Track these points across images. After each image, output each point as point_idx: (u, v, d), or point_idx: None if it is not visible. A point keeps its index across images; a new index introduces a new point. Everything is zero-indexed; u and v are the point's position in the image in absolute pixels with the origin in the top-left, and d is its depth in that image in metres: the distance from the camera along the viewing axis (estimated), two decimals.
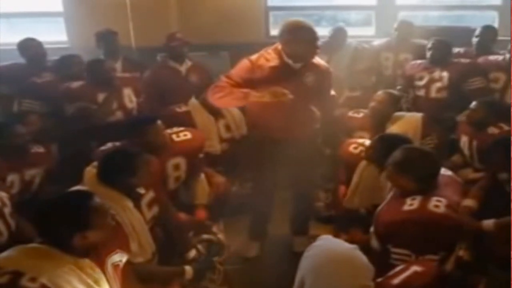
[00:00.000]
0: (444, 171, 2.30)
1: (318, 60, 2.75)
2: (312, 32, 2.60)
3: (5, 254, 1.60)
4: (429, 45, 3.64)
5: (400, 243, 2.01)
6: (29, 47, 3.74)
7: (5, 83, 3.67)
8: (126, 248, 1.91)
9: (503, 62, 3.55)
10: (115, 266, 1.78)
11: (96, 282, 1.64)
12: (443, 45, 3.62)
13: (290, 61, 2.62)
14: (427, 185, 2.10)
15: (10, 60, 3.80)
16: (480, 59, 3.67)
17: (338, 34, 4.02)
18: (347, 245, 1.90)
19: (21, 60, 3.77)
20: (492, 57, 3.66)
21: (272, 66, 2.61)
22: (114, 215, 1.82)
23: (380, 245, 2.10)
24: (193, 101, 3.35)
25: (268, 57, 2.64)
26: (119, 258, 1.80)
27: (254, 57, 2.67)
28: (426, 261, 1.90)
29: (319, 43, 3.83)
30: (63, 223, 1.60)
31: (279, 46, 2.64)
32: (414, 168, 2.11)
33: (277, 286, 2.66)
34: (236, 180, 3.27)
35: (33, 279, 1.50)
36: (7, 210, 2.33)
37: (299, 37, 2.57)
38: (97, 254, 1.70)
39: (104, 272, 1.70)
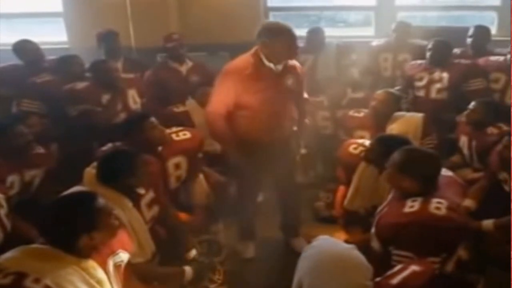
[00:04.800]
0: (444, 171, 2.29)
1: (293, 61, 2.72)
2: (293, 34, 2.55)
3: (8, 254, 1.60)
4: (429, 46, 3.63)
5: (401, 245, 2.00)
6: (26, 50, 3.74)
7: (2, 84, 3.67)
8: (128, 248, 1.91)
9: (504, 63, 3.55)
10: (117, 266, 1.78)
11: (99, 282, 1.64)
12: (443, 46, 3.62)
13: (271, 65, 2.58)
14: (428, 186, 2.10)
15: (10, 60, 3.81)
16: (481, 60, 3.68)
17: (316, 35, 4.07)
18: (345, 245, 1.91)
19: (20, 61, 3.78)
20: (493, 58, 3.66)
21: (254, 72, 2.56)
22: (116, 215, 1.81)
23: (381, 247, 2.09)
24: (190, 100, 3.37)
25: (248, 63, 2.58)
26: (121, 258, 1.81)
27: (234, 66, 2.62)
28: (425, 261, 1.90)
29: (301, 45, 3.87)
30: (70, 225, 1.60)
31: (258, 50, 2.58)
32: (416, 169, 2.09)
33: (276, 286, 2.67)
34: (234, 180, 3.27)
35: (36, 280, 1.50)
36: (3, 211, 2.33)
37: (281, 39, 2.52)
38: (99, 254, 1.70)
39: (106, 272, 1.71)
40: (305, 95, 2.93)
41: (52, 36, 4.78)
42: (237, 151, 2.67)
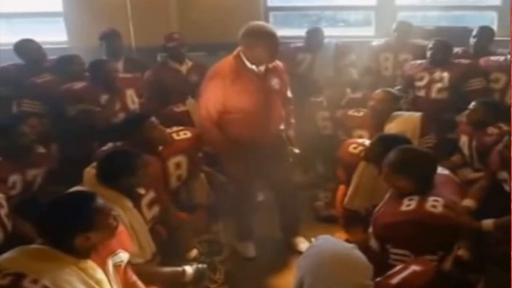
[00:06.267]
0: (441, 170, 2.30)
1: (275, 61, 2.74)
2: (274, 37, 2.58)
3: (7, 255, 1.60)
4: (430, 46, 3.63)
5: (398, 244, 2.01)
6: (28, 49, 3.73)
7: (2, 84, 3.67)
8: (128, 248, 1.91)
9: (504, 63, 3.55)
10: (117, 266, 1.78)
11: (98, 283, 1.64)
12: (443, 46, 3.62)
13: (253, 67, 2.61)
14: (423, 185, 2.11)
15: (9, 60, 3.80)
16: (482, 60, 3.68)
17: (316, 35, 4.09)
18: (346, 245, 1.91)
19: (20, 60, 3.77)
20: (493, 58, 3.66)
21: (237, 74, 2.59)
22: (116, 216, 1.81)
23: (379, 245, 2.10)
24: (191, 100, 3.38)
25: (231, 66, 2.61)
26: (121, 258, 1.81)
27: (218, 70, 2.64)
28: (425, 260, 1.91)
29: (300, 44, 3.86)
30: (65, 224, 1.60)
31: (240, 52, 2.61)
32: (410, 168, 2.11)
33: (276, 286, 2.67)
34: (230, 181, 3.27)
35: (35, 281, 1.50)
36: (3, 211, 2.33)
37: (262, 42, 2.54)
38: (99, 254, 1.70)
39: (105, 272, 1.70)
40: (289, 94, 2.94)
41: (52, 36, 4.77)
42: (229, 154, 2.70)
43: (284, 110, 2.88)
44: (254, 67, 2.61)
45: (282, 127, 2.89)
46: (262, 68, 2.64)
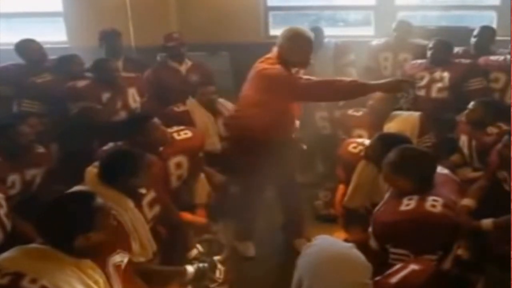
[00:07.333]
0: (440, 169, 2.30)
1: None
2: (312, 40, 2.66)
3: (6, 255, 1.59)
4: (430, 45, 3.64)
5: (398, 243, 2.01)
6: (28, 49, 3.73)
7: (3, 84, 3.67)
8: (128, 248, 1.91)
9: (503, 63, 3.55)
10: (117, 266, 1.78)
11: (97, 283, 1.64)
12: (444, 46, 3.63)
13: (293, 69, 2.68)
14: (423, 184, 2.11)
15: (9, 60, 3.80)
16: (481, 59, 3.68)
17: (316, 34, 4.06)
18: (344, 244, 1.92)
19: (20, 60, 3.77)
20: (493, 57, 3.66)
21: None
22: (115, 215, 1.81)
23: (379, 245, 2.11)
24: (191, 100, 3.39)
25: (279, 66, 2.62)
26: (121, 258, 1.81)
27: (270, 66, 2.64)
28: (424, 260, 1.91)
29: None
30: (65, 224, 1.59)
31: (279, 55, 2.64)
32: (410, 168, 2.11)
33: (276, 285, 2.68)
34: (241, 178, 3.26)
35: (33, 281, 1.49)
36: (2, 211, 2.33)
37: (305, 45, 2.62)
38: (98, 254, 1.70)
39: (105, 272, 1.70)
40: None
41: (52, 36, 4.78)
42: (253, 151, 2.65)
43: None
44: (293, 69, 2.69)
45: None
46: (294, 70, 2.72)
